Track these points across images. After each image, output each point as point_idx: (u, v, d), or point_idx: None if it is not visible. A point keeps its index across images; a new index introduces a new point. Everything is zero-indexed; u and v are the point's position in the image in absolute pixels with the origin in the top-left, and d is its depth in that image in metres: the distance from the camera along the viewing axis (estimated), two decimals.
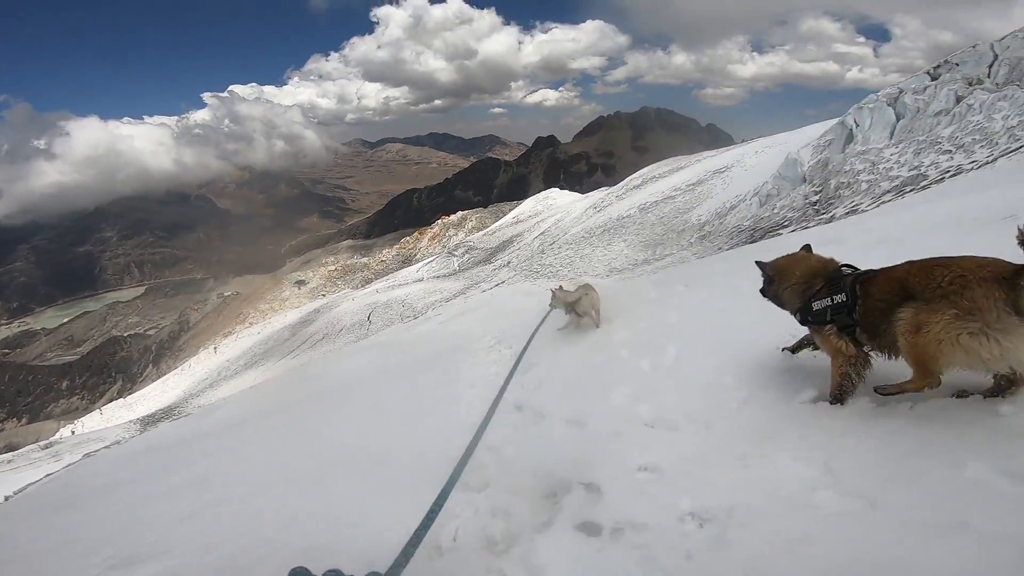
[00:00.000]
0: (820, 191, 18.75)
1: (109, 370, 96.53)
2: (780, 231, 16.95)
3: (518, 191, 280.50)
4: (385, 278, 71.88)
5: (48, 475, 16.07)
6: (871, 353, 2.33)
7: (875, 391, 2.27)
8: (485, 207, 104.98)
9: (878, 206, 13.09)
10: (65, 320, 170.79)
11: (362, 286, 76.34)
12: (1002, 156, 11.46)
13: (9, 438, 64.88)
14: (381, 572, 1.06)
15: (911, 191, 12.79)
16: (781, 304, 2.71)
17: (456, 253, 65.40)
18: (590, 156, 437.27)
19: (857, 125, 19.73)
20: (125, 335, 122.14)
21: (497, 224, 76.18)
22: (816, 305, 2.42)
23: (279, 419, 7.55)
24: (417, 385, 6.21)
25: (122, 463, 9.21)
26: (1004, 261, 1.92)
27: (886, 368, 2.30)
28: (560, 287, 5.34)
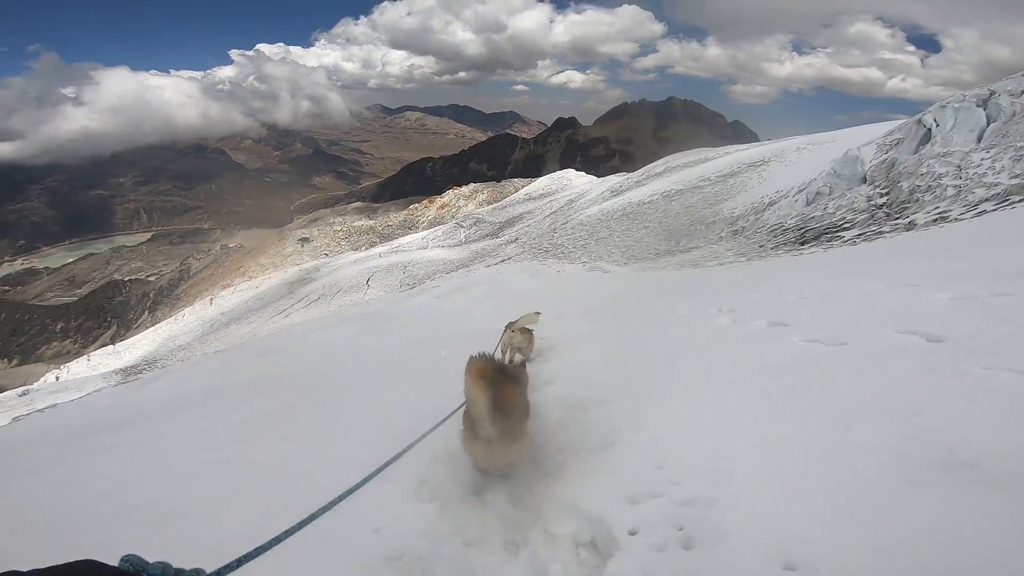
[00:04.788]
0: (887, 193, 16.36)
1: (105, 314, 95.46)
2: (841, 233, 14.70)
3: (533, 169, 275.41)
4: (389, 243, 70.01)
5: None
6: None
7: None
8: (498, 181, 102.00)
9: (978, 215, 10.94)
10: (70, 260, 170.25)
11: (366, 248, 74.60)
12: None
13: None
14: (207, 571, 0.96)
15: (1021, 202, 10.51)
16: None
17: (464, 224, 63.28)
18: (610, 141, 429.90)
19: (937, 125, 17.24)
20: (126, 279, 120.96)
21: (509, 199, 73.70)
22: None
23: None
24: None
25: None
26: None
27: None
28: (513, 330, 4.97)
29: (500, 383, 2.61)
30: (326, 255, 78.90)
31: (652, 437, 2.78)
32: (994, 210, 10.89)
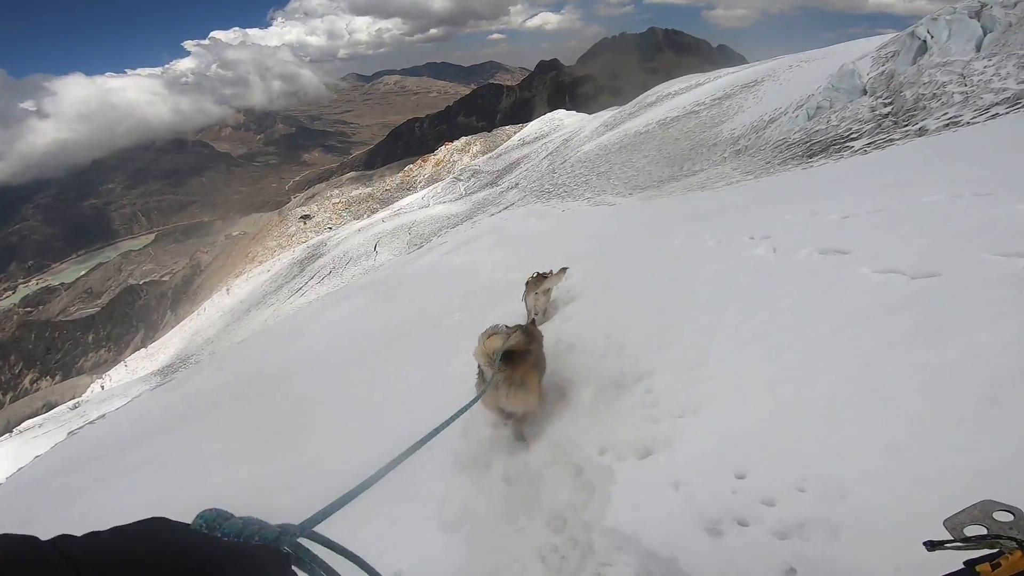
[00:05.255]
0: (891, 103, 16.45)
1: (130, 319, 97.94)
2: (849, 144, 14.73)
3: (522, 115, 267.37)
4: (390, 207, 69.92)
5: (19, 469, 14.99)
6: None
7: None
8: (489, 131, 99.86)
9: (991, 118, 11.00)
10: (82, 273, 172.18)
11: (368, 216, 74.59)
12: None
13: (46, 397, 66.43)
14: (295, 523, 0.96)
15: None
16: None
17: (462, 178, 62.75)
18: (596, 78, 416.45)
19: (932, 37, 17.29)
20: (141, 283, 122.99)
21: (503, 147, 72.51)
22: None
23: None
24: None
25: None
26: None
27: None
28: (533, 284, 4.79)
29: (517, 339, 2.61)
30: (330, 228, 78.94)
31: (717, 429, 2.12)
32: (1007, 113, 10.89)
